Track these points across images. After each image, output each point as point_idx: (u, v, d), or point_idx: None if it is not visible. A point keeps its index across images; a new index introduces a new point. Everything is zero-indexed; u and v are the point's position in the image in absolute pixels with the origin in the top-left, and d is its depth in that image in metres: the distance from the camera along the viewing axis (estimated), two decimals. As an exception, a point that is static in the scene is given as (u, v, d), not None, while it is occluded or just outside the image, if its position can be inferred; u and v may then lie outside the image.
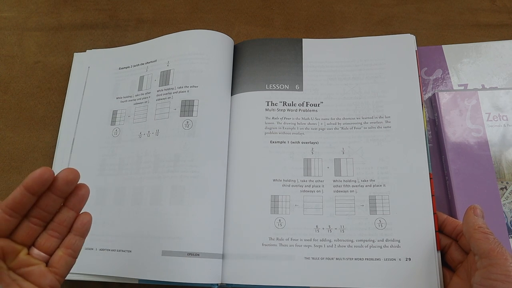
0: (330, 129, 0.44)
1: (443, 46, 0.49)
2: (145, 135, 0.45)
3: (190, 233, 0.39)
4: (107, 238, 0.42)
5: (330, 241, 0.39)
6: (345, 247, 0.39)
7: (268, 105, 0.45)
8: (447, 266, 0.38)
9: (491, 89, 0.46)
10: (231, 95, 0.46)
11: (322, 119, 0.44)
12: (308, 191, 0.41)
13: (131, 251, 0.40)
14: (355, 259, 0.39)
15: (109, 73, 0.50)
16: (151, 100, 0.46)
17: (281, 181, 0.42)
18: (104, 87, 0.49)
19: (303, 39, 0.48)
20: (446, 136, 0.43)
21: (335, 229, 0.40)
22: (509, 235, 0.39)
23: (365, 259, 0.38)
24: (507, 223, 0.40)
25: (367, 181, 0.41)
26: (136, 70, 0.49)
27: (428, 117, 0.46)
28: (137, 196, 0.42)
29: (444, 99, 0.45)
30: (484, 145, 0.42)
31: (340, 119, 0.44)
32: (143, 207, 0.41)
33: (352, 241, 0.39)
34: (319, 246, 0.39)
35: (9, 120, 0.51)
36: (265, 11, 0.55)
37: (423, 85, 0.47)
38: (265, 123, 0.44)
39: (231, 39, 0.48)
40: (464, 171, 0.41)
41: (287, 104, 0.45)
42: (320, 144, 0.43)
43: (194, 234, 0.39)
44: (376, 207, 0.40)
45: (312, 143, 0.43)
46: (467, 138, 0.43)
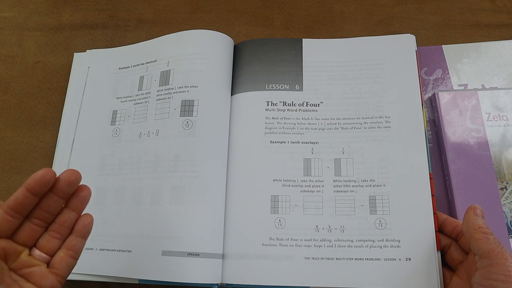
0: (330, 129, 0.44)
1: (443, 46, 0.49)
2: (145, 135, 0.45)
3: (190, 233, 0.39)
4: (107, 238, 0.42)
5: (330, 241, 0.39)
6: (345, 247, 0.39)
7: (268, 105, 0.45)
8: (447, 266, 0.38)
9: (491, 89, 0.46)
10: (231, 95, 0.46)
11: (322, 119, 0.44)
12: (308, 191, 0.41)
13: (131, 251, 0.40)
14: (355, 259, 0.39)
15: (109, 73, 0.50)
16: (151, 100, 0.46)
17: (281, 181, 0.42)
18: (104, 87, 0.49)
19: (303, 39, 0.48)
20: (446, 136, 0.43)
21: (335, 229, 0.40)
22: (509, 235, 0.39)
23: (365, 259, 0.38)
24: (507, 223, 0.40)
25: (367, 181, 0.41)
26: (136, 70, 0.49)
27: (428, 117, 0.46)
28: (137, 196, 0.42)
29: (444, 99, 0.45)
30: (484, 145, 0.42)
31: (340, 119, 0.44)
32: (143, 207, 0.41)
33: (352, 241, 0.39)
34: (319, 246, 0.39)
35: (9, 120, 0.51)
36: (265, 11, 0.55)
37: (423, 85, 0.47)
38: (265, 123, 0.44)
39: (231, 39, 0.48)
40: (464, 171, 0.41)
41: (287, 104, 0.45)
42: (320, 144, 0.43)
43: (194, 234, 0.39)
44: (376, 207, 0.40)
45: (312, 143, 0.43)
46: (467, 138, 0.43)
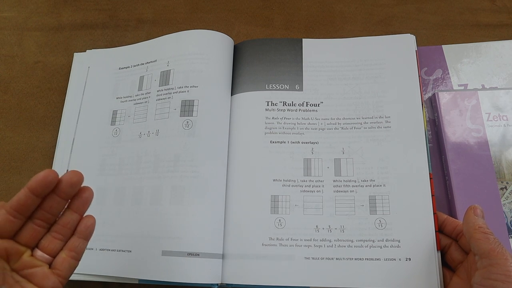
0: (330, 129, 0.44)
1: (443, 46, 0.49)
2: (145, 135, 0.45)
3: (190, 233, 0.39)
4: (107, 238, 0.42)
5: (330, 241, 0.39)
6: (345, 247, 0.39)
7: (268, 105, 0.45)
8: (447, 266, 0.38)
9: (491, 89, 0.46)
10: (231, 95, 0.46)
11: (322, 119, 0.44)
12: (308, 191, 0.41)
13: (131, 251, 0.40)
14: (355, 259, 0.39)
15: (109, 73, 0.50)
16: (151, 100, 0.46)
17: (281, 181, 0.42)
18: (104, 87, 0.49)
19: (303, 39, 0.48)
20: (446, 136, 0.43)
21: (335, 229, 0.40)
22: (509, 235, 0.39)
23: (365, 259, 0.38)
24: (507, 223, 0.40)
25: (367, 181, 0.41)
26: (136, 70, 0.49)
27: (428, 117, 0.46)
28: (137, 196, 0.42)
29: (444, 99, 0.45)
30: (484, 145, 0.42)
31: (340, 119, 0.44)
32: (143, 207, 0.41)
33: (352, 241, 0.39)
34: (319, 246, 0.39)
35: (9, 120, 0.51)
36: (265, 11, 0.55)
37: (423, 85, 0.47)
38: (265, 123, 0.44)
39: (231, 39, 0.48)
40: (464, 171, 0.41)
41: (287, 104, 0.45)
42: (320, 144, 0.43)
43: (194, 234, 0.39)
44: (376, 207, 0.40)
45: (312, 143, 0.43)
46: (467, 138, 0.43)
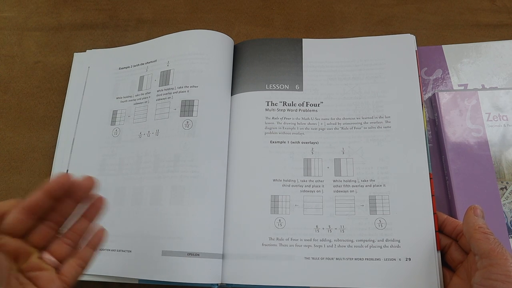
0: (330, 129, 0.44)
1: (443, 46, 0.49)
2: (145, 135, 0.45)
3: (190, 233, 0.39)
4: (107, 238, 0.42)
5: (330, 241, 0.39)
6: (345, 247, 0.39)
7: (268, 105, 0.45)
8: (447, 266, 0.38)
9: (491, 89, 0.46)
10: (231, 95, 0.46)
11: (322, 119, 0.44)
12: (308, 191, 0.41)
13: (131, 251, 0.40)
14: (355, 259, 0.39)
15: (109, 73, 0.50)
16: (151, 100, 0.46)
17: (281, 181, 0.42)
18: (104, 87, 0.49)
19: (303, 39, 0.48)
20: (446, 136, 0.43)
21: (335, 229, 0.40)
22: (509, 235, 0.39)
23: (365, 259, 0.38)
24: (507, 223, 0.40)
25: (367, 181, 0.41)
26: (136, 70, 0.49)
27: (428, 117, 0.46)
28: (137, 196, 0.42)
29: (444, 99, 0.45)
30: (484, 145, 0.42)
31: (340, 119, 0.44)
32: (143, 207, 0.41)
33: (352, 241, 0.39)
34: (319, 246, 0.39)
35: (9, 120, 0.51)
36: (265, 11, 0.55)
37: (423, 85, 0.47)
38: (265, 123, 0.44)
39: (231, 39, 0.48)
40: (464, 171, 0.41)
41: (287, 104, 0.45)
42: (320, 144, 0.43)
43: (194, 234, 0.39)
44: (376, 207, 0.40)
45: (312, 143, 0.43)
46: (467, 138, 0.43)
